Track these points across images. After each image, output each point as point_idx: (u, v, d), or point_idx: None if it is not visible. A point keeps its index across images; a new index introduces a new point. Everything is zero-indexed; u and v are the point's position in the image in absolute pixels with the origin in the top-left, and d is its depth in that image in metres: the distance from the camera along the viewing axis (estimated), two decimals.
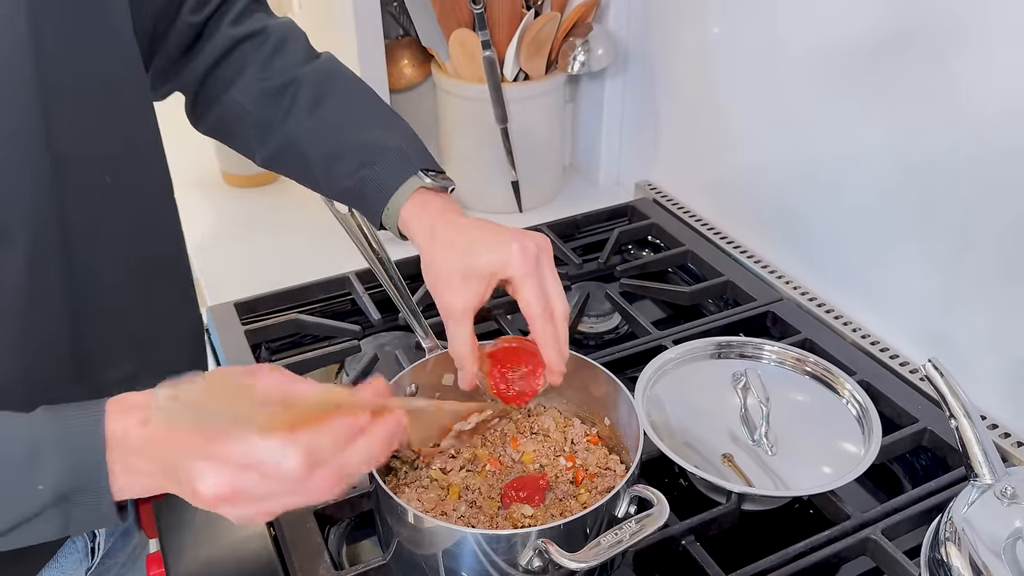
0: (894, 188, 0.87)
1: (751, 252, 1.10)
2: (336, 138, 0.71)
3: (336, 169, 0.71)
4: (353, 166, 0.69)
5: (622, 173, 1.33)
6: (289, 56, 0.73)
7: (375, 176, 0.69)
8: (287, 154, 0.73)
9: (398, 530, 0.63)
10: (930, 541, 0.62)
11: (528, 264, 0.63)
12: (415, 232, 0.68)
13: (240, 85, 0.72)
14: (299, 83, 0.72)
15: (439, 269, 0.65)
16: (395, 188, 0.68)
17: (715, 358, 0.87)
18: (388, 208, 0.69)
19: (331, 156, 0.71)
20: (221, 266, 1.16)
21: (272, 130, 0.73)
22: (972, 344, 0.83)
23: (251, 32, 0.73)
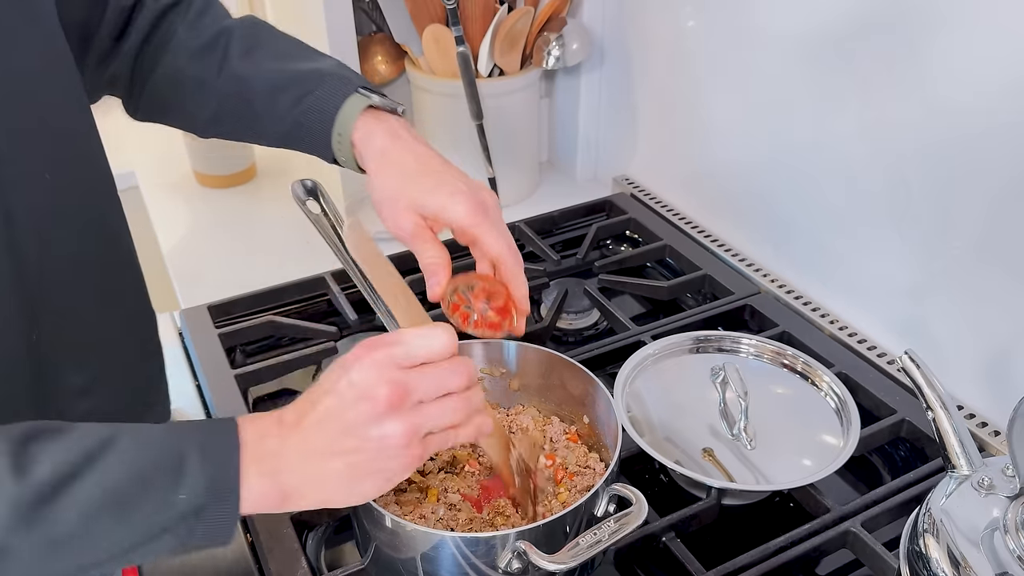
0: (869, 178, 0.88)
1: (728, 245, 1.10)
2: (273, 76, 0.70)
3: (278, 106, 0.69)
4: (294, 98, 0.68)
5: (599, 168, 1.33)
6: (214, 13, 0.73)
7: (317, 103, 0.67)
8: (228, 106, 0.71)
9: (376, 534, 0.62)
10: (909, 533, 0.62)
11: (478, 215, 0.63)
12: (368, 153, 0.67)
13: (171, 50, 0.71)
14: (229, 34, 0.71)
15: (384, 191, 0.65)
16: (338, 108, 0.66)
17: (694, 353, 0.87)
18: (339, 135, 0.67)
19: (271, 93, 0.69)
20: (195, 268, 1.14)
21: (209, 85, 0.71)
22: (949, 333, 0.84)
23: (175, 1, 0.73)
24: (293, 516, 0.72)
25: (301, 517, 0.72)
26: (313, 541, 0.75)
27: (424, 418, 0.50)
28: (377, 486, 0.51)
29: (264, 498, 0.49)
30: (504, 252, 0.64)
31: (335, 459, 0.49)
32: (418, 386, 0.50)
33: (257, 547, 0.71)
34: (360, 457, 0.49)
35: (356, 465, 0.49)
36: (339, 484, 0.50)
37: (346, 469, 0.49)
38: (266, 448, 0.49)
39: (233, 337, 0.95)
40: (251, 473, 0.48)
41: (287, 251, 1.15)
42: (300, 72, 0.69)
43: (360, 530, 0.65)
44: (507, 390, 0.76)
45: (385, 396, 0.48)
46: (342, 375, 0.50)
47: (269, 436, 0.50)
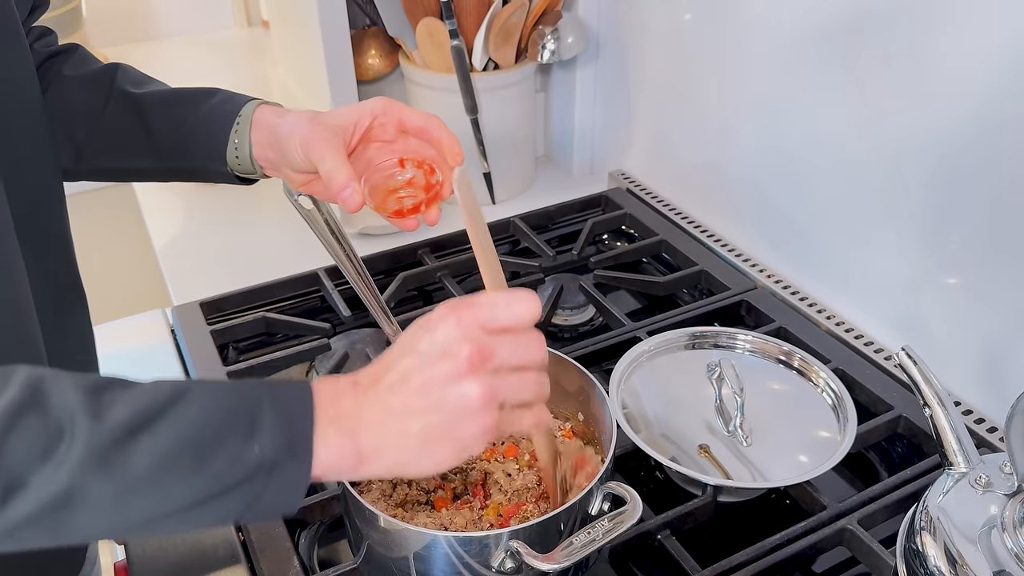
0: (865, 173, 0.87)
1: (725, 241, 1.09)
2: (166, 93, 0.73)
3: (172, 116, 0.72)
4: (190, 106, 0.71)
5: (595, 163, 1.32)
6: (95, 60, 0.75)
7: (219, 105, 0.71)
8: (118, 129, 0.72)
9: (368, 533, 0.62)
10: (905, 531, 0.62)
11: (389, 102, 0.68)
12: (271, 115, 0.70)
13: (58, 87, 0.72)
14: (115, 69, 0.73)
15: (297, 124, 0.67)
16: (239, 106, 0.71)
17: (690, 348, 0.86)
18: (238, 125, 0.70)
19: (164, 107, 0.72)
20: (187, 265, 1.14)
21: (98, 114, 0.72)
22: (946, 328, 0.83)
23: (59, 49, 0.74)
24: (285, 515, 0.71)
25: (294, 516, 0.71)
26: (306, 540, 0.74)
27: (501, 384, 0.49)
28: (451, 454, 0.49)
29: (340, 459, 0.47)
30: (426, 116, 0.69)
31: (412, 419, 0.48)
32: (499, 351, 0.49)
33: (249, 546, 0.70)
34: (437, 418, 0.48)
35: (433, 427, 0.48)
36: (414, 448, 0.49)
37: (422, 431, 0.48)
38: (342, 407, 0.48)
39: (225, 334, 0.94)
40: (328, 432, 0.47)
41: (280, 247, 1.15)
42: (192, 89, 0.73)
43: (352, 529, 0.64)
44: None
45: (467, 355, 0.47)
46: (423, 335, 0.49)
47: (345, 396, 0.49)
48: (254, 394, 0.47)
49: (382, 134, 0.69)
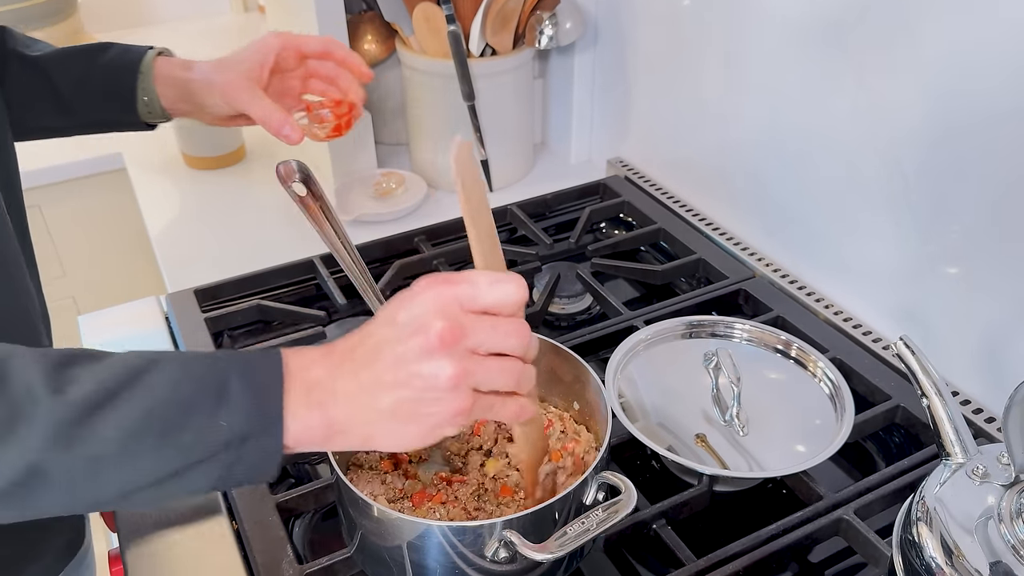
0: (865, 161, 0.86)
1: (724, 229, 1.08)
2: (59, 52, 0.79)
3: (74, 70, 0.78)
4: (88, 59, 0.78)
5: (593, 150, 1.31)
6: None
7: (117, 55, 0.79)
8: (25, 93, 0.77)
9: (361, 522, 0.61)
10: (902, 521, 0.62)
11: (288, 36, 0.77)
12: (177, 66, 0.79)
13: None
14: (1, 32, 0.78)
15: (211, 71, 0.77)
16: (140, 55, 0.79)
17: (687, 338, 0.86)
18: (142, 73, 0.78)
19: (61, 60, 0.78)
20: (182, 252, 1.13)
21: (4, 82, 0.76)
22: (944, 318, 0.83)
23: None
24: (279, 502, 0.71)
25: (287, 504, 0.71)
26: (299, 528, 0.74)
27: (474, 367, 0.47)
28: (422, 432, 0.48)
29: (310, 431, 0.47)
30: (325, 40, 0.78)
31: (383, 394, 0.47)
32: (475, 332, 0.47)
33: (242, 534, 0.70)
34: (407, 394, 0.46)
35: (403, 403, 0.47)
36: (385, 423, 0.47)
37: (393, 406, 0.47)
38: (313, 377, 0.47)
39: (220, 321, 0.94)
40: (298, 404, 0.46)
41: (276, 234, 1.14)
42: (83, 46, 0.80)
43: (346, 518, 0.64)
44: None
45: (438, 331, 0.46)
46: (400, 307, 0.48)
47: (316, 366, 0.47)
48: (223, 365, 0.46)
49: (285, 65, 0.79)
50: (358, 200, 1.18)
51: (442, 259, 1.03)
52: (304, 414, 0.46)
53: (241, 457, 0.46)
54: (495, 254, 0.56)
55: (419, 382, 0.46)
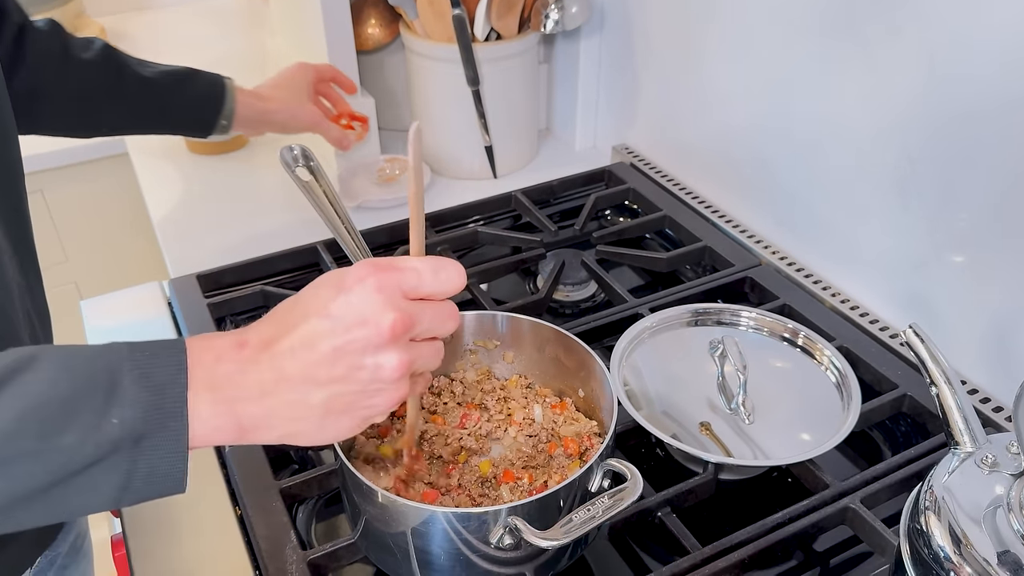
0: (872, 148, 0.85)
1: (730, 217, 1.07)
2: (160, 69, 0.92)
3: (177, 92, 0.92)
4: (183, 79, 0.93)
5: (599, 137, 1.30)
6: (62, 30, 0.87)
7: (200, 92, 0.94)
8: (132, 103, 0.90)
9: (366, 508, 0.61)
10: (909, 511, 0.61)
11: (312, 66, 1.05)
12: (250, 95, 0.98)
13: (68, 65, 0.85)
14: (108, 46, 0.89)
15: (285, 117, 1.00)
16: (221, 98, 0.95)
17: (692, 325, 0.85)
18: (229, 91, 0.95)
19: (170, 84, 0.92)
20: (185, 237, 1.12)
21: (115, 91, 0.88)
22: (952, 307, 0.82)
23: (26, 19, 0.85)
24: (283, 488, 0.71)
25: (291, 490, 0.71)
26: (303, 514, 0.73)
27: (415, 355, 0.46)
28: (353, 424, 0.46)
29: (217, 431, 0.43)
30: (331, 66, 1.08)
31: (314, 389, 0.44)
32: (421, 321, 0.46)
33: (245, 520, 0.69)
34: (345, 389, 0.44)
35: (338, 397, 0.44)
36: (312, 419, 0.45)
37: (325, 401, 0.44)
38: (221, 372, 0.43)
39: (223, 307, 0.93)
40: (202, 400, 0.43)
41: (279, 220, 1.13)
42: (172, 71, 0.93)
43: (350, 504, 0.64)
44: (501, 362, 0.75)
45: (390, 324, 0.43)
46: (336, 295, 0.44)
47: (225, 360, 0.44)
48: (114, 358, 0.42)
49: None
50: (362, 186, 1.18)
51: (446, 245, 1.02)
52: (209, 412, 0.43)
53: (139, 460, 0.42)
54: (421, 238, 0.54)
55: (363, 375, 0.44)
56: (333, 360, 0.44)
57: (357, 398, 0.45)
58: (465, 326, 0.73)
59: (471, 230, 1.05)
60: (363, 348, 0.44)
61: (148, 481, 0.43)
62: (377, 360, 0.44)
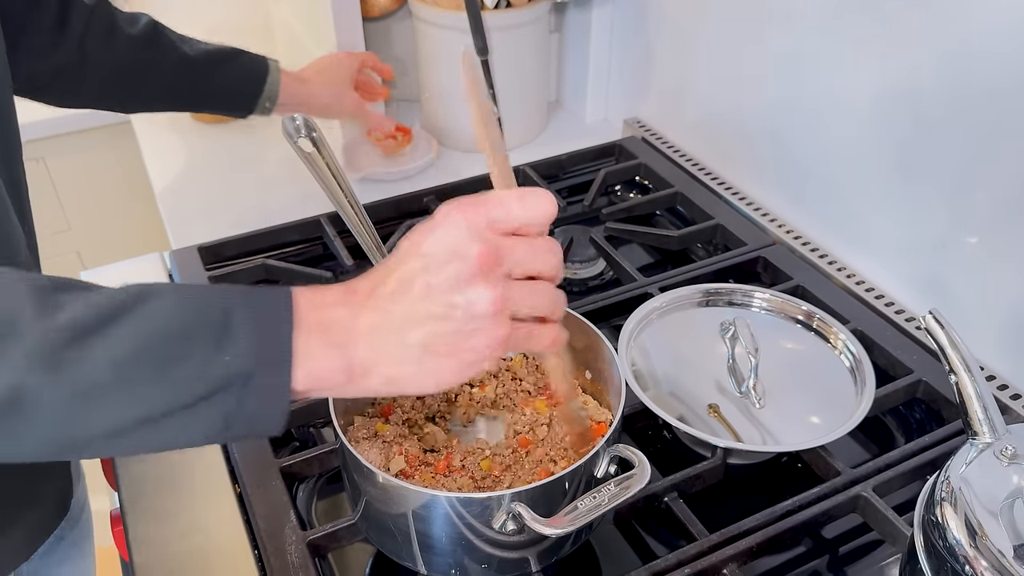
0: (891, 125, 0.82)
1: (743, 194, 1.05)
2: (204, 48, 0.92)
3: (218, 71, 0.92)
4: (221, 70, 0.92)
5: (610, 110, 1.27)
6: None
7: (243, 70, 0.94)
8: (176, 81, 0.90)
9: (366, 488, 0.60)
10: (925, 502, 0.59)
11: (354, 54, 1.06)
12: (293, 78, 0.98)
13: (119, 39, 0.85)
14: (155, 22, 0.90)
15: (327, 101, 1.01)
16: (263, 78, 0.95)
17: (703, 306, 0.83)
18: (272, 72, 0.95)
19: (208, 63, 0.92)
20: (187, 207, 1.10)
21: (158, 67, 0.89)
22: (971, 291, 0.80)
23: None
24: (283, 467, 0.69)
25: (291, 468, 0.70)
26: (304, 493, 0.72)
27: (512, 292, 0.44)
28: (456, 370, 0.45)
29: (328, 372, 0.43)
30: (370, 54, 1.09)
31: (414, 329, 0.43)
32: (512, 254, 0.44)
33: (245, 498, 0.68)
34: (442, 328, 0.43)
35: (437, 338, 0.43)
36: (414, 361, 0.44)
37: (425, 341, 0.43)
38: (332, 316, 0.44)
39: (224, 280, 0.91)
40: (312, 342, 0.43)
41: (282, 191, 1.11)
42: (217, 49, 0.93)
43: (350, 484, 0.62)
44: None
45: (476, 255, 0.42)
46: (426, 234, 0.44)
47: (336, 305, 0.44)
48: (227, 297, 0.43)
49: None
50: (366, 158, 1.15)
51: None
52: (319, 354, 0.43)
53: (245, 398, 0.42)
54: (508, 168, 0.52)
55: (458, 312, 0.43)
56: (427, 297, 0.43)
57: (457, 338, 0.44)
58: None
59: None
60: (455, 283, 0.43)
61: (249, 420, 0.43)
62: (469, 296, 0.43)
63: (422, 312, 0.43)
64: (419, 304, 0.43)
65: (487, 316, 0.43)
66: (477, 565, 0.59)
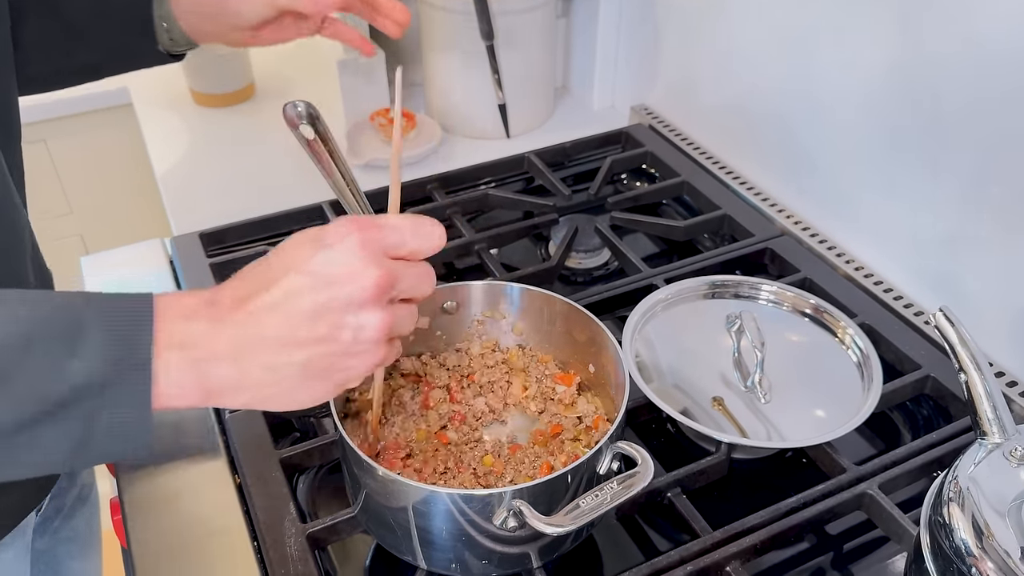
0: (903, 116, 0.81)
1: (751, 184, 1.03)
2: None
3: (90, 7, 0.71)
4: None
5: (617, 96, 1.25)
6: None
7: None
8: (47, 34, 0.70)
9: (366, 482, 0.59)
10: (932, 502, 0.59)
11: None
12: None
13: None
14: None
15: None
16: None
17: (709, 298, 0.82)
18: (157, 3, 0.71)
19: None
20: (189, 192, 1.10)
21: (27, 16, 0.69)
22: (982, 286, 0.79)
23: None
24: (283, 458, 0.69)
25: (291, 460, 0.69)
26: (303, 484, 0.72)
27: (394, 316, 0.44)
28: (327, 389, 0.44)
29: (182, 391, 0.41)
30: None
31: (294, 350, 0.42)
32: (402, 282, 0.44)
33: (244, 490, 0.68)
34: (325, 350, 0.42)
35: (316, 359, 0.42)
36: (286, 382, 0.43)
37: (303, 363, 0.42)
38: (192, 331, 0.41)
39: (225, 268, 0.91)
40: (170, 359, 0.40)
41: (285, 177, 1.10)
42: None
43: (350, 476, 0.62)
44: (510, 334, 0.72)
45: (374, 281, 0.42)
46: (316, 252, 0.42)
47: (197, 318, 0.41)
48: (78, 305, 0.40)
49: None
50: (370, 144, 1.14)
51: (456, 208, 0.99)
52: (176, 372, 0.40)
53: (101, 411, 0.39)
54: (398, 195, 0.54)
55: (345, 334, 0.42)
56: (314, 318, 0.42)
57: (336, 360, 0.43)
58: (473, 297, 0.71)
59: (482, 192, 1.02)
60: (346, 306, 0.42)
61: (110, 435, 0.40)
62: (359, 319, 0.42)
63: (305, 333, 0.42)
64: (303, 325, 0.42)
65: (373, 340, 0.43)
66: (477, 560, 0.58)
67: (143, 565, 0.63)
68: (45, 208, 1.44)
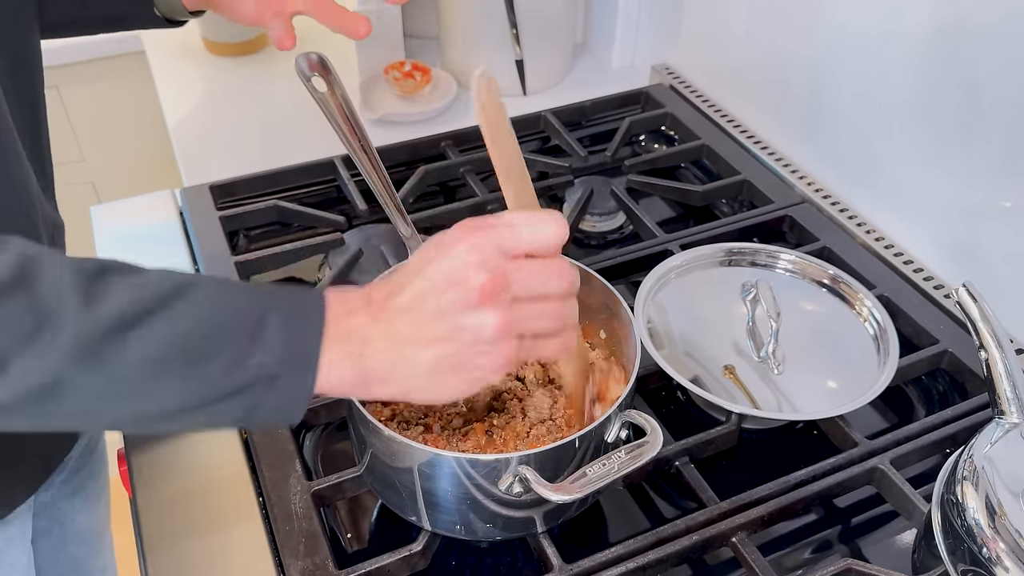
0: (936, 82, 0.78)
1: (772, 149, 1.01)
2: None
3: None
4: None
5: (638, 55, 1.22)
6: None
7: None
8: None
9: (372, 441, 0.59)
10: (945, 479, 0.58)
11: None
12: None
13: None
14: None
15: None
16: None
17: (725, 265, 0.81)
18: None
19: None
20: (200, 144, 1.08)
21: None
22: (1006, 263, 0.77)
23: None
24: None
25: None
26: (310, 442, 0.72)
27: (519, 316, 0.46)
28: (465, 384, 0.46)
29: (343, 382, 0.45)
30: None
31: (422, 348, 0.45)
32: (518, 280, 0.45)
33: (251, 446, 0.68)
34: (449, 348, 0.45)
35: (445, 357, 0.45)
36: (424, 376, 0.46)
37: (434, 360, 0.45)
38: (352, 325, 0.45)
39: (236, 221, 0.90)
40: (335, 351, 0.44)
41: (297, 129, 1.09)
42: None
43: (356, 435, 0.62)
44: None
45: (480, 284, 0.44)
46: (436, 256, 0.45)
47: (357, 313, 0.46)
48: (262, 299, 0.44)
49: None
50: (383, 98, 1.12)
51: (469, 167, 0.97)
52: (339, 363, 0.45)
53: (267, 398, 0.44)
54: (526, 189, 0.52)
55: (464, 335, 0.44)
56: (435, 320, 0.45)
57: (464, 358, 0.45)
58: None
59: None
60: (459, 309, 0.44)
61: (269, 415, 0.45)
62: (476, 320, 0.44)
63: (429, 333, 0.45)
64: (427, 326, 0.44)
65: (491, 340, 0.45)
66: (482, 523, 0.58)
67: (148, 518, 0.63)
68: (57, 153, 1.43)
